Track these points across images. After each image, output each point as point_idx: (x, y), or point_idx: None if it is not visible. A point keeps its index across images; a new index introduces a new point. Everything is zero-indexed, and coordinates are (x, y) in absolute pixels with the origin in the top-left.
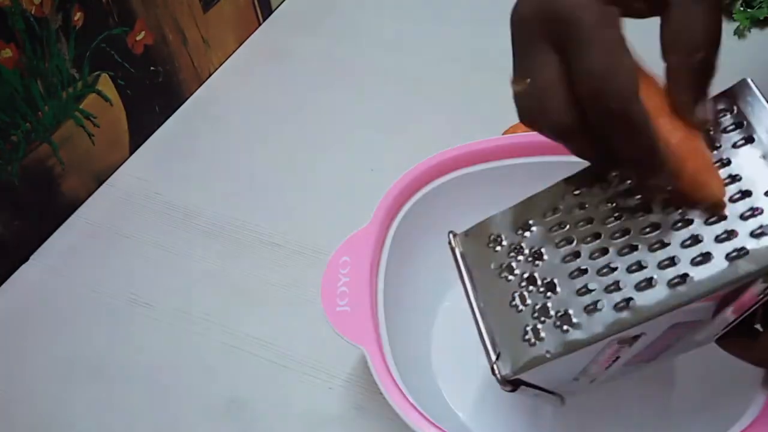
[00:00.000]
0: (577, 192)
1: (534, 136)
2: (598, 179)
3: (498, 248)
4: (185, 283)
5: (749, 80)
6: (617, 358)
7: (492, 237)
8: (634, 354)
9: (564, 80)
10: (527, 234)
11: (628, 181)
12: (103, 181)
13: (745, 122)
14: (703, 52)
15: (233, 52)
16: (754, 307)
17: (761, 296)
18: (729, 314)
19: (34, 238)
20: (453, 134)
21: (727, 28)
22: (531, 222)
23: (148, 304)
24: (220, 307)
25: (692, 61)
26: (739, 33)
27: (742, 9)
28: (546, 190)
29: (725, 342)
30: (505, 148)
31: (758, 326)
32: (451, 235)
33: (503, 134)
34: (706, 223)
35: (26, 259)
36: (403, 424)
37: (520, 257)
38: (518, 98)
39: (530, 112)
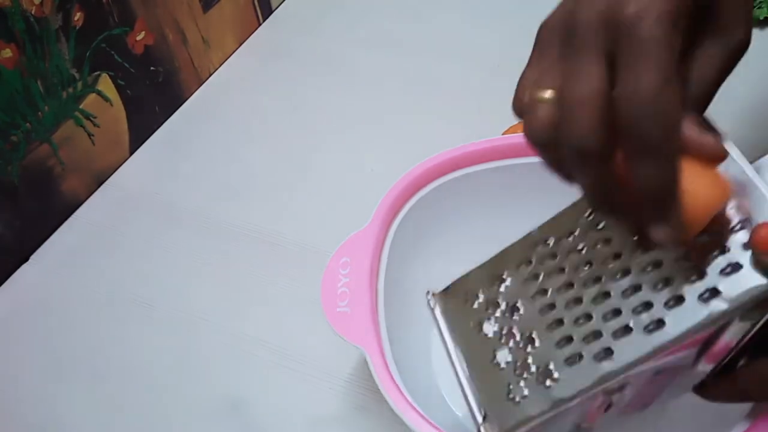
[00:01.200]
0: (548, 242)
1: None
2: (567, 227)
3: (475, 305)
4: (185, 283)
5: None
6: (609, 406)
7: (469, 293)
8: (626, 403)
9: (607, 96)
10: (502, 288)
11: (598, 226)
12: (103, 181)
13: None
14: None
15: (233, 52)
16: (738, 347)
17: (745, 335)
18: (716, 353)
19: (34, 238)
20: (453, 134)
21: None
22: (505, 275)
23: (147, 304)
24: (220, 307)
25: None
26: None
27: None
28: (518, 242)
29: (702, 391)
30: (505, 148)
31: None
32: (429, 295)
33: (503, 134)
34: (676, 264)
35: (26, 259)
36: (404, 425)
37: (497, 312)
38: (540, 108)
39: (548, 126)
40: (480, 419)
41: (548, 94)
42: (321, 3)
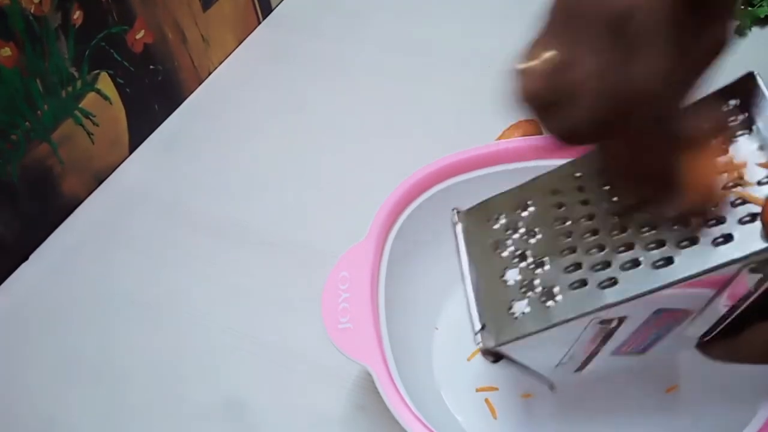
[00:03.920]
0: (578, 175)
1: (529, 141)
2: (598, 165)
3: (496, 226)
4: (185, 283)
5: (755, 73)
6: (603, 343)
7: (492, 215)
8: (620, 342)
9: (613, 74)
10: (525, 213)
11: None
12: (103, 181)
13: (747, 113)
14: None
15: (233, 51)
16: (745, 304)
17: (752, 290)
18: (719, 307)
19: (34, 238)
20: (453, 134)
21: None
22: (530, 202)
23: (147, 304)
24: (220, 307)
25: None
26: (740, 32)
27: (742, 7)
28: (549, 173)
29: (706, 348)
30: (497, 154)
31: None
32: (454, 211)
33: (497, 139)
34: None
35: (26, 259)
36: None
37: (516, 235)
38: (536, 67)
39: (544, 79)
40: (478, 328)
41: (549, 54)
42: (321, 3)
